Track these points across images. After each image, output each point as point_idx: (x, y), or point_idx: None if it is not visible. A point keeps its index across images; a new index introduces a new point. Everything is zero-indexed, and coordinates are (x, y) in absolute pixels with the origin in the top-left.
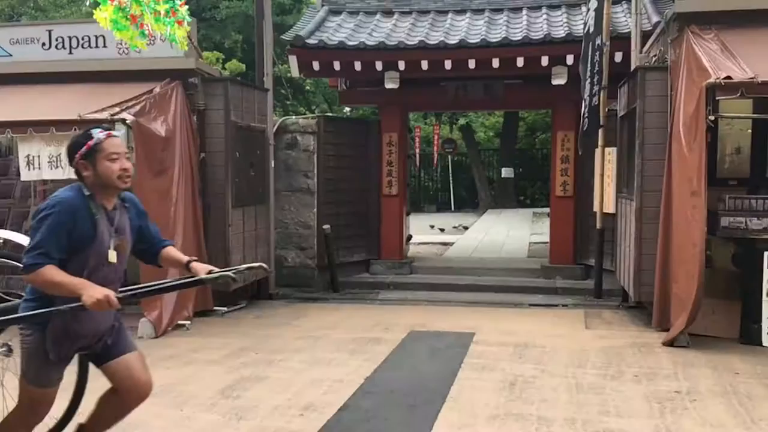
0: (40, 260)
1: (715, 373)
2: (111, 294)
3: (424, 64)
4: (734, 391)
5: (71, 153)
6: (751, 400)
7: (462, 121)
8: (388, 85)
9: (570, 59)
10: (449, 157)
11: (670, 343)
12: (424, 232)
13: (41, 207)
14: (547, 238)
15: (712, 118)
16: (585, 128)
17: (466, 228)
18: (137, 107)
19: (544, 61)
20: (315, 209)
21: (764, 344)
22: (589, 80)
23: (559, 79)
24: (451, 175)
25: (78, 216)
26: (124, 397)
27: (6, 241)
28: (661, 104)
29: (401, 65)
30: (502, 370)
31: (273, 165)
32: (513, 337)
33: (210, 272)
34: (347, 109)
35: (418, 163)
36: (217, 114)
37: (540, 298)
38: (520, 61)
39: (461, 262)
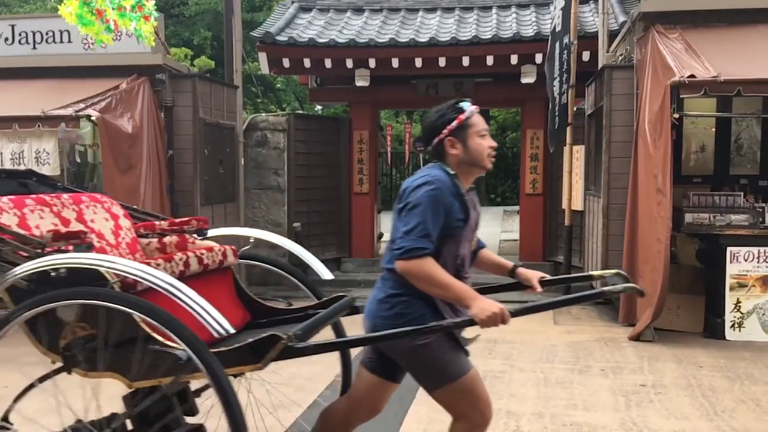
0: (424, 244)
1: (679, 367)
2: (505, 308)
3: (395, 62)
4: (698, 383)
5: (437, 128)
6: (714, 392)
7: None
8: (359, 83)
9: (539, 58)
10: (421, 155)
11: (636, 338)
12: None
13: (415, 183)
14: (517, 236)
15: (676, 116)
16: (555, 126)
17: None
18: (103, 103)
19: (514, 59)
20: (285, 207)
21: (727, 338)
22: (557, 79)
23: (528, 78)
24: None
25: (452, 197)
26: (361, 414)
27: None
28: (627, 102)
29: (372, 63)
30: (475, 363)
31: (243, 162)
32: (482, 333)
33: (542, 279)
34: (319, 107)
35: (389, 162)
36: (185, 111)
37: (513, 295)
38: (489, 60)
39: None
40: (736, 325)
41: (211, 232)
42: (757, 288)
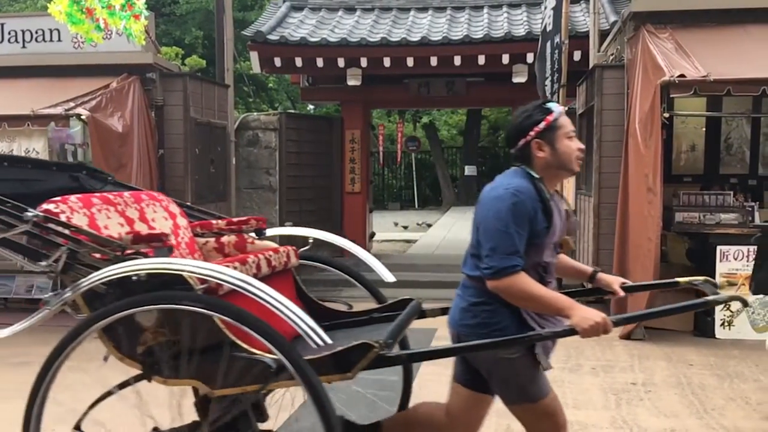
0: (514, 261)
1: (669, 365)
2: (607, 317)
3: (387, 61)
4: (688, 382)
5: (524, 129)
6: (703, 390)
7: (425, 119)
8: (351, 82)
9: (530, 57)
10: (413, 154)
11: (627, 337)
12: (388, 229)
13: (495, 193)
14: None
15: (666, 115)
16: None
17: (429, 225)
18: (93, 102)
19: (505, 59)
20: (277, 206)
21: (717, 337)
22: (548, 78)
23: (520, 77)
24: (414, 172)
25: (536, 204)
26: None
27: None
28: (618, 102)
29: (363, 62)
30: None
31: (234, 162)
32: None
33: (623, 284)
34: (311, 106)
35: (381, 161)
36: (176, 110)
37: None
38: (481, 59)
39: (424, 259)
40: (726, 324)
41: (268, 232)
42: (747, 287)
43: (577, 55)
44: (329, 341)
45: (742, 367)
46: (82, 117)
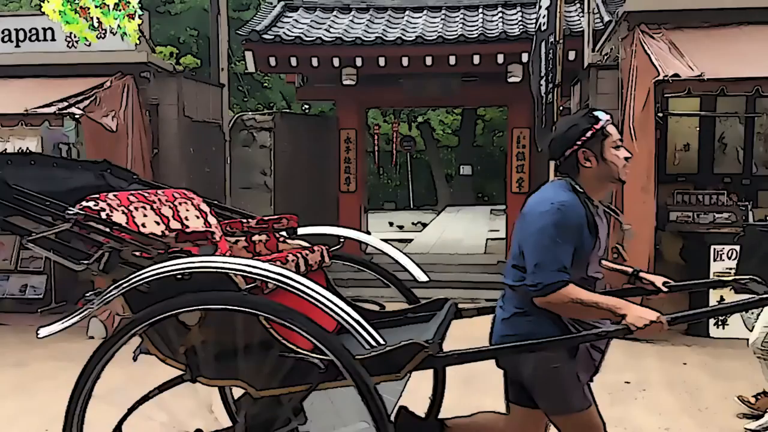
0: (561, 277)
1: (664, 364)
2: (662, 316)
3: (382, 61)
4: (682, 380)
5: (570, 139)
6: (697, 389)
7: (420, 119)
8: (346, 82)
9: (525, 57)
10: (408, 154)
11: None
12: (383, 229)
13: (540, 209)
14: (503, 235)
15: (660, 114)
16: (542, 126)
17: (424, 225)
18: (87, 101)
19: (500, 58)
20: (272, 206)
21: (711, 335)
22: (543, 78)
23: (515, 77)
24: (410, 172)
25: (581, 219)
26: None
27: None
28: (612, 101)
29: (358, 61)
30: (458, 366)
31: (229, 161)
32: (469, 333)
33: (666, 283)
34: (306, 106)
35: (377, 161)
36: (171, 109)
37: (497, 293)
38: (476, 59)
39: (419, 258)
40: (720, 323)
41: (300, 230)
42: None
43: (571, 55)
44: (382, 341)
45: (736, 366)
46: (76, 116)
